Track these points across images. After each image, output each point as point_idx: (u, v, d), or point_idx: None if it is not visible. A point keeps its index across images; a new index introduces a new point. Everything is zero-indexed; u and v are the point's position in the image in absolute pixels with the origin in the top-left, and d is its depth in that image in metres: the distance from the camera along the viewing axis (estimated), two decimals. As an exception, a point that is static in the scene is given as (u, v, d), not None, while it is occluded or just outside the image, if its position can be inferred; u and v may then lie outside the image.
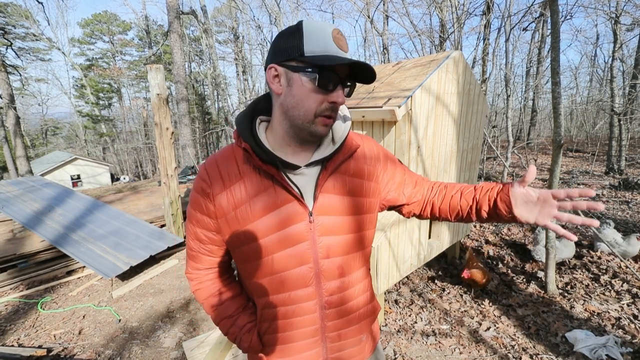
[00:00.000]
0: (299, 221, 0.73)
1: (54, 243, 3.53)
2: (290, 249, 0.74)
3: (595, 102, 10.05)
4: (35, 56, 23.83)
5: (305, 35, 0.63)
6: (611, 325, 2.31)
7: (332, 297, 0.80)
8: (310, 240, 0.74)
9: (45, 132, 28.10)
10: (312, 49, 0.63)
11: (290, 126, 0.71)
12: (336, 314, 0.82)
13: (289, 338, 0.81)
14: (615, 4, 6.70)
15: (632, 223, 4.09)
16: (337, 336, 0.84)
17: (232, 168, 0.74)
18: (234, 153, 0.76)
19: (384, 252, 2.16)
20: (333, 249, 0.77)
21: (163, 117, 4.04)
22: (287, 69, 0.66)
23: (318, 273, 0.77)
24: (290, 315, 0.79)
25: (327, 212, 0.75)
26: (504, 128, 8.03)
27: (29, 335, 2.61)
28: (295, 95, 0.66)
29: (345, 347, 0.87)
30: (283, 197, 0.72)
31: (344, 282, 0.81)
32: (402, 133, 2.08)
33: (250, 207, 0.72)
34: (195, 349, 2.31)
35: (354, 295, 0.84)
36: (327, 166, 0.75)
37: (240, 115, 0.77)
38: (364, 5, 7.08)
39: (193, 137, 12.65)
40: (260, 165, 0.71)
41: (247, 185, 0.73)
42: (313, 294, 0.78)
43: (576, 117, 15.63)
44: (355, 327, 0.87)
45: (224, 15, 24.04)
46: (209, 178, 0.75)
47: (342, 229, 0.77)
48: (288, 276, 0.75)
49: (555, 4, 2.19)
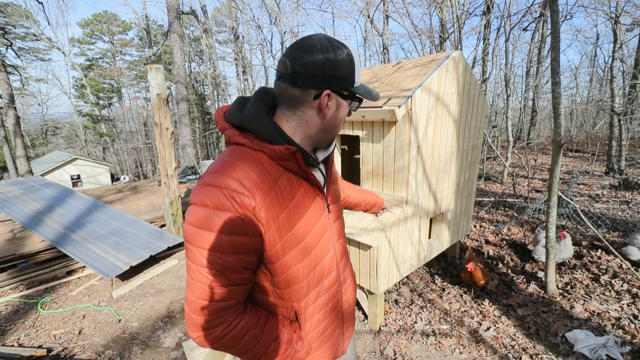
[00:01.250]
0: (323, 213, 0.83)
1: (54, 243, 3.53)
2: (322, 239, 0.82)
3: (595, 102, 10.05)
4: (35, 56, 23.84)
5: (356, 68, 0.73)
6: (611, 325, 2.30)
7: (345, 274, 0.95)
8: (329, 229, 0.86)
9: (45, 132, 28.10)
10: (358, 80, 0.76)
11: (322, 139, 0.80)
12: (346, 287, 0.96)
13: (327, 325, 0.90)
14: (615, 4, 6.69)
15: (632, 223, 4.09)
16: (348, 306, 0.98)
17: (264, 174, 0.69)
18: (256, 157, 0.70)
19: (383, 252, 2.16)
20: (339, 231, 0.93)
21: (163, 117, 4.04)
22: (339, 96, 0.75)
23: (335, 254, 0.89)
24: (327, 302, 0.88)
25: (333, 200, 0.89)
26: (504, 128, 8.03)
27: (29, 335, 2.61)
28: (339, 118, 0.78)
29: (350, 317, 1.00)
30: (312, 194, 0.79)
31: (347, 258, 0.98)
32: (402, 133, 2.08)
33: (290, 211, 0.73)
34: (195, 349, 2.31)
35: (349, 265, 1.01)
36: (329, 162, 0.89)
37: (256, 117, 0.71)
38: (364, 5, 7.09)
39: (193, 137, 12.64)
40: (301, 167, 0.74)
41: (282, 189, 0.72)
42: (336, 275, 0.89)
43: (576, 117, 15.64)
44: (354, 295, 1.01)
45: (224, 15, 24.04)
46: (248, 189, 0.65)
47: (340, 213, 0.95)
48: (323, 265, 0.84)
49: (555, 4, 2.19)
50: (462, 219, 3.07)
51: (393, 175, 2.20)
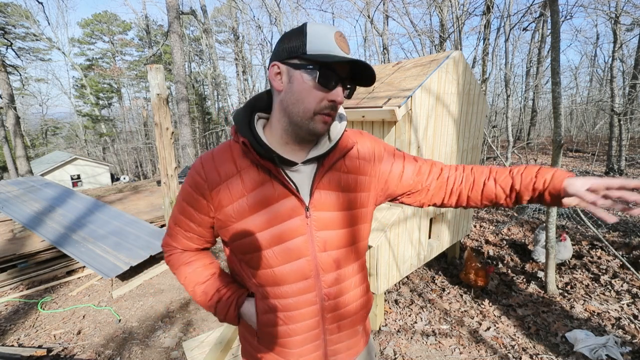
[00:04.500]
0: (295, 216, 0.75)
1: (54, 243, 3.53)
2: (287, 243, 0.75)
3: (595, 102, 10.05)
4: (35, 56, 23.83)
5: (309, 36, 0.65)
6: (611, 325, 2.30)
7: (331, 289, 0.82)
8: (307, 235, 0.76)
9: (45, 132, 28.09)
10: (315, 48, 0.65)
11: (289, 123, 0.72)
12: (335, 305, 0.83)
13: (289, 332, 0.82)
14: (615, 4, 6.70)
15: (632, 223, 4.09)
16: (337, 328, 0.86)
17: (228, 162, 0.75)
18: (230, 148, 0.77)
19: (384, 252, 2.16)
20: (329, 242, 0.79)
21: (163, 117, 4.03)
22: (290, 67, 0.67)
23: (316, 266, 0.79)
24: (290, 308, 0.80)
25: (323, 207, 0.77)
26: (504, 128, 8.03)
27: (29, 335, 2.61)
28: (296, 92, 0.68)
29: (343, 339, 0.89)
30: (280, 192, 0.74)
31: (341, 275, 0.83)
32: (402, 133, 2.08)
33: (247, 201, 0.73)
34: (195, 349, 2.31)
35: (350, 287, 0.85)
36: (323, 163, 0.76)
37: (239, 110, 0.77)
38: (364, 5, 7.08)
39: (193, 137, 12.65)
40: (258, 160, 0.72)
41: (244, 179, 0.74)
42: (312, 286, 0.80)
43: (576, 117, 15.63)
44: (353, 318, 0.88)
45: (224, 15, 24.04)
46: (205, 172, 0.76)
47: (337, 223, 0.79)
48: (286, 269, 0.77)
49: (555, 4, 2.19)
50: (462, 219, 3.07)
51: (393, 175, 2.20)
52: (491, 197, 0.83)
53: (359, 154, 0.83)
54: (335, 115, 0.72)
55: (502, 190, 0.81)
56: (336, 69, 0.66)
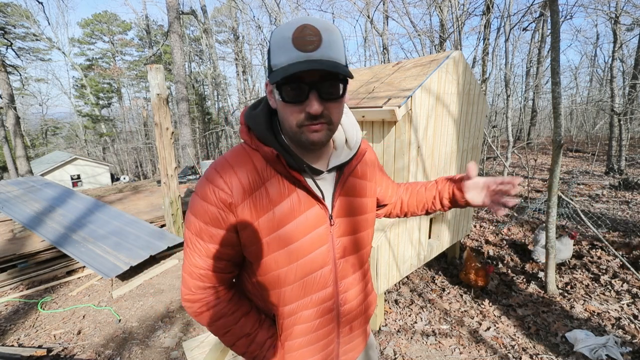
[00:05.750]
0: (321, 225, 0.74)
1: (54, 243, 3.53)
2: (314, 253, 0.74)
3: (595, 102, 10.05)
4: (35, 56, 23.83)
5: (272, 46, 0.61)
6: (611, 325, 2.31)
7: (347, 294, 0.83)
8: (330, 243, 0.76)
9: (45, 132, 28.09)
10: (277, 61, 0.60)
11: (294, 138, 0.68)
12: (349, 309, 0.85)
13: (310, 340, 0.82)
14: (615, 4, 6.70)
15: (632, 223, 4.09)
16: (349, 329, 0.88)
17: (252, 174, 0.69)
18: (250, 157, 0.71)
19: (384, 252, 2.16)
20: (348, 248, 0.80)
21: (163, 117, 4.04)
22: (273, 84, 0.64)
23: (336, 273, 0.79)
24: (313, 318, 0.80)
25: (344, 214, 0.78)
26: (504, 128, 8.03)
27: (29, 335, 2.61)
28: (279, 110, 0.67)
29: (353, 340, 0.91)
30: (307, 202, 0.72)
31: (355, 279, 0.85)
32: (402, 133, 2.08)
33: (275, 214, 0.69)
34: (195, 349, 2.31)
35: (361, 289, 0.88)
36: (344, 171, 0.77)
37: (254, 114, 0.72)
38: (364, 5, 7.09)
39: (193, 137, 12.64)
40: (288, 171, 0.68)
41: (269, 191, 0.69)
42: (332, 293, 0.80)
43: (576, 117, 15.64)
44: (362, 318, 0.91)
45: (224, 15, 24.04)
46: (229, 187, 0.68)
47: (354, 229, 0.81)
48: (312, 279, 0.76)
49: (555, 4, 2.19)
50: (462, 219, 3.07)
51: (393, 175, 2.20)
52: (422, 200, 1.00)
53: (366, 160, 0.86)
54: (327, 122, 0.64)
55: (430, 194, 0.98)
56: (301, 77, 0.59)
